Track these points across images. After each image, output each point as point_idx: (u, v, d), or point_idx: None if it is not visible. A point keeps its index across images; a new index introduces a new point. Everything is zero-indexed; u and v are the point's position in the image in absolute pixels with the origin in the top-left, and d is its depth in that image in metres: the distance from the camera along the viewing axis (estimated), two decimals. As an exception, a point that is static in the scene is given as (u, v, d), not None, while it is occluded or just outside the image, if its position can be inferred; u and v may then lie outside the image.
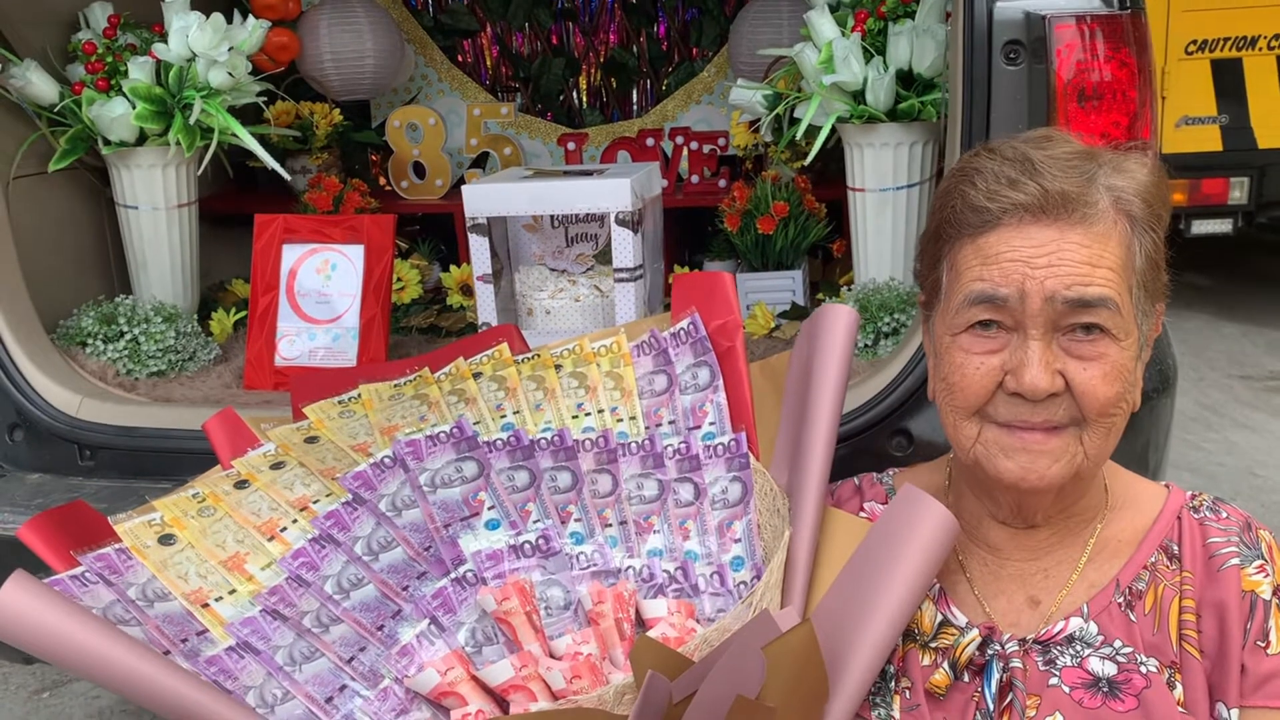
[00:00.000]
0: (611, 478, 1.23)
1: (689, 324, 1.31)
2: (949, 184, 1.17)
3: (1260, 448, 4.74)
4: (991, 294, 1.09)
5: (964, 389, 1.12)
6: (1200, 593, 1.16)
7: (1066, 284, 1.07)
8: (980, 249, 1.11)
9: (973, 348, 1.12)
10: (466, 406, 1.31)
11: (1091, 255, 1.08)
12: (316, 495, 1.24)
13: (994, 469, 1.12)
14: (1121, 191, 1.11)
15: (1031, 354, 1.08)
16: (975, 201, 1.12)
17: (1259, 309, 6.50)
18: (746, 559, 1.20)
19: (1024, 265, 1.08)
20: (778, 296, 2.44)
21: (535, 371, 1.34)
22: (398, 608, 1.16)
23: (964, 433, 1.14)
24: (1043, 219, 1.09)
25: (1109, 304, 1.08)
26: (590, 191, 1.96)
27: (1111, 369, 1.09)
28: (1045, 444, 1.10)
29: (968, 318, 1.12)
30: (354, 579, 1.15)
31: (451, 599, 1.14)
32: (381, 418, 1.31)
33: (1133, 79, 1.72)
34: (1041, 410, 1.09)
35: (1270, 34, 5.48)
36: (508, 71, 3.32)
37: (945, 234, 1.16)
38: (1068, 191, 1.09)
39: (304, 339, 2.25)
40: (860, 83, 2.08)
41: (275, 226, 2.28)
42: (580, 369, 1.33)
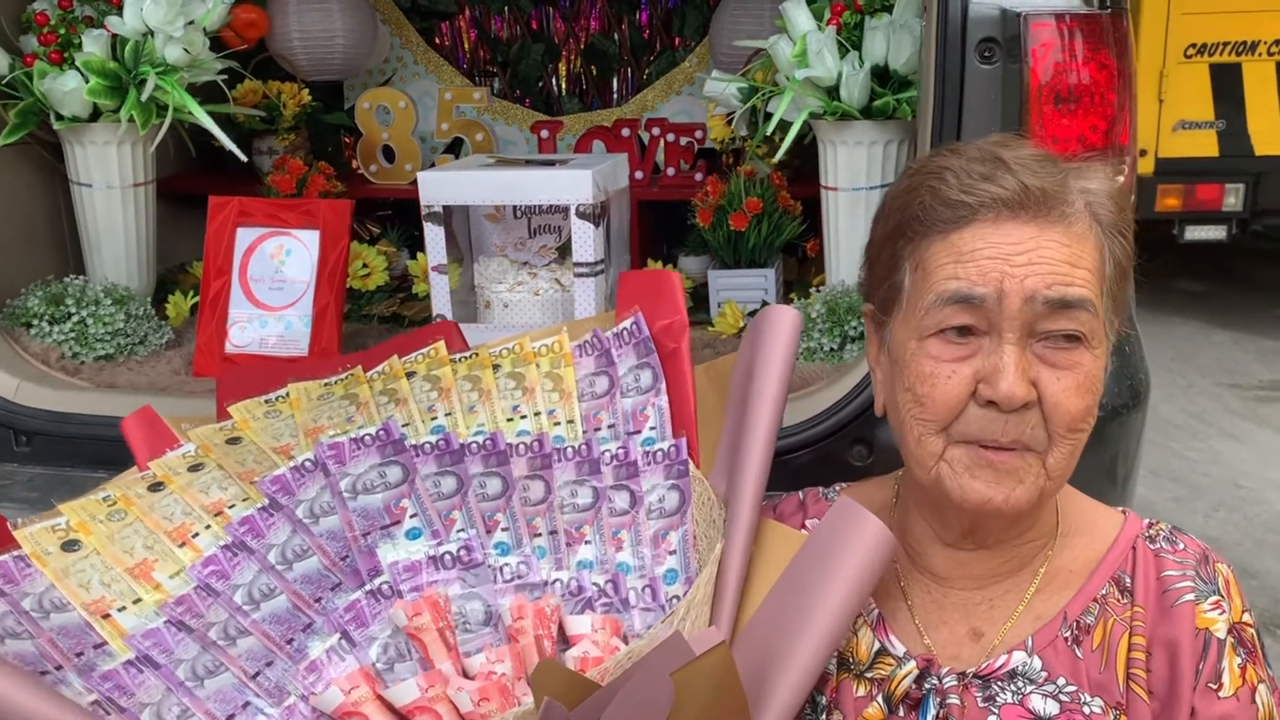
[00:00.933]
0: (544, 485, 1.18)
1: (632, 324, 1.26)
2: (912, 182, 1.10)
3: (1246, 458, 4.69)
4: (968, 293, 1.02)
5: (934, 400, 1.04)
6: (1151, 629, 1.10)
7: (1047, 283, 1.01)
8: (953, 246, 1.04)
9: (943, 355, 1.04)
10: (397, 407, 1.26)
11: (1071, 255, 1.02)
12: (233, 499, 1.18)
13: (958, 490, 1.05)
14: (1094, 195, 1.05)
15: (1007, 359, 1.01)
16: (949, 196, 1.04)
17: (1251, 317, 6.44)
18: (680, 572, 1.15)
19: (1002, 263, 1.01)
20: (749, 295, 2.37)
21: (471, 371, 1.29)
22: (309, 620, 1.10)
23: (927, 449, 1.07)
24: (1021, 215, 1.03)
25: (1089, 306, 1.02)
26: (550, 182, 1.89)
27: (1085, 380, 1.03)
28: (1011, 463, 1.04)
29: (938, 320, 1.04)
30: (266, 589, 1.10)
31: (365, 612, 1.09)
32: (308, 418, 1.26)
33: (1112, 81, 1.65)
34: (1013, 425, 1.02)
35: (1270, 40, 5.41)
36: (485, 56, 3.24)
37: (910, 232, 1.08)
38: (1047, 189, 1.03)
39: (255, 326, 2.18)
40: (834, 78, 2.01)
41: (229, 209, 2.21)
42: (519, 369, 1.28)
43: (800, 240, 2.51)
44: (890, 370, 1.12)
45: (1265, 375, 5.70)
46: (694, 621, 1.03)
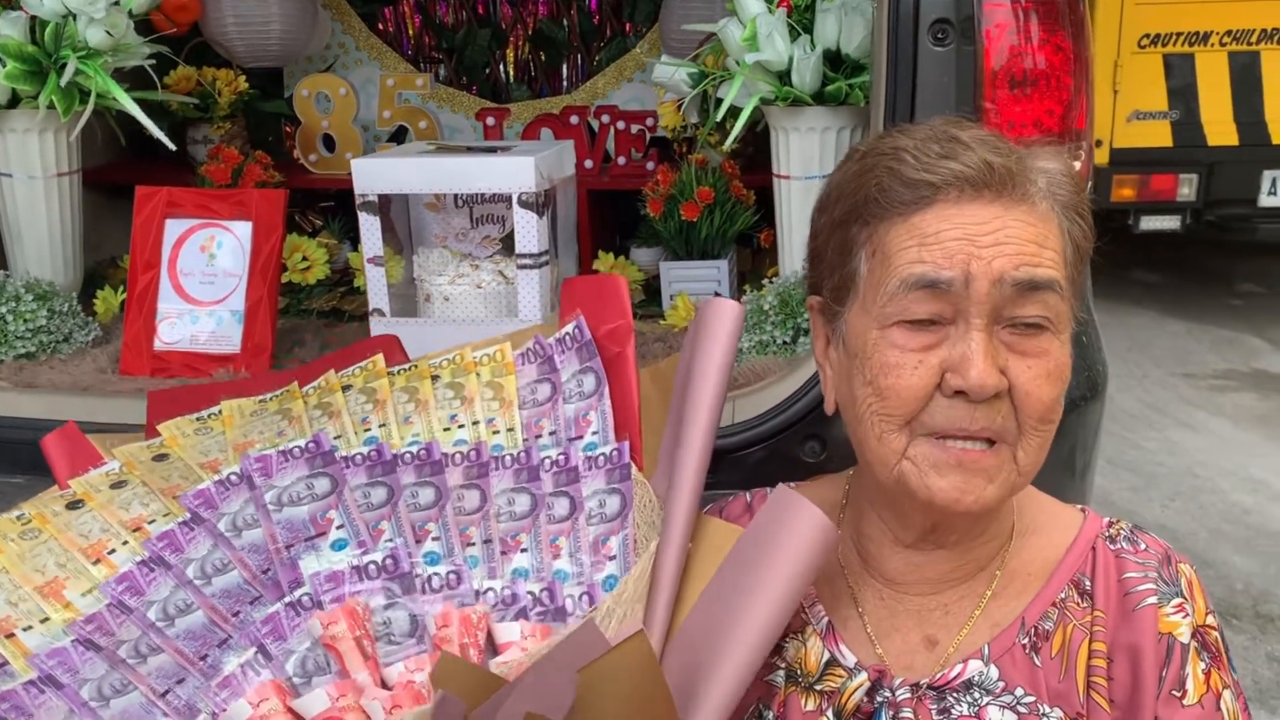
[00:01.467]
0: (481, 493, 1.14)
1: (574, 328, 1.21)
2: (863, 164, 1.03)
3: (1201, 447, 4.71)
4: (934, 277, 0.96)
5: (901, 392, 0.98)
6: (1113, 635, 1.05)
7: (1015, 264, 0.95)
8: (915, 228, 0.98)
9: (907, 344, 0.98)
10: (330, 420, 1.22)
11: (1037, 235, 0.97)
12: (154, 515, 1.15)
13: (924, 489, 0.99)
14: (1052, 175, 1.00)
15: (976, 347, 0.95)
16: (909, 175, 0.98)
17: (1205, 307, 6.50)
18: (620, 578, 1.09)
19: (968, 243, 0.96)
20: (702, 287, 2.31)
21: (409, 383, 1.25)
22: (225, 636, 1.05)
23: (890, 446, 1.00)
24: (985, 194, 0.97)
25: (1057, 287, 0.97)
26: (491, 170, 1.81)
27: (1055, 367, 0.98)
28: (981, 460, 0.98)
29: (902, 307, 0.98)
30: (182, 605, 1.06)
31: (283, 625, 1.04)
32: (238, 434, 1.22)
33: (1068, 64, 1.61)
34: (982, 415, 0.97)
35: (1222, 30, 5.43)
36: (430, 42, 3.16)
37: (865, 215, 1.02)
38: (1010, 167, 0.98)
39: (186, 322, 2.09)
40: (785, 62, 1.95)
41: (157, 200, 2.11)
42: (458, 379, 1.24)
43: (754, 231, 2.45)
44: (844, 365, 1.06)
45: (1219, 365, 5.74)
46: (622, 619, 0.98)
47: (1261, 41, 5.42)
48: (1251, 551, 3.79)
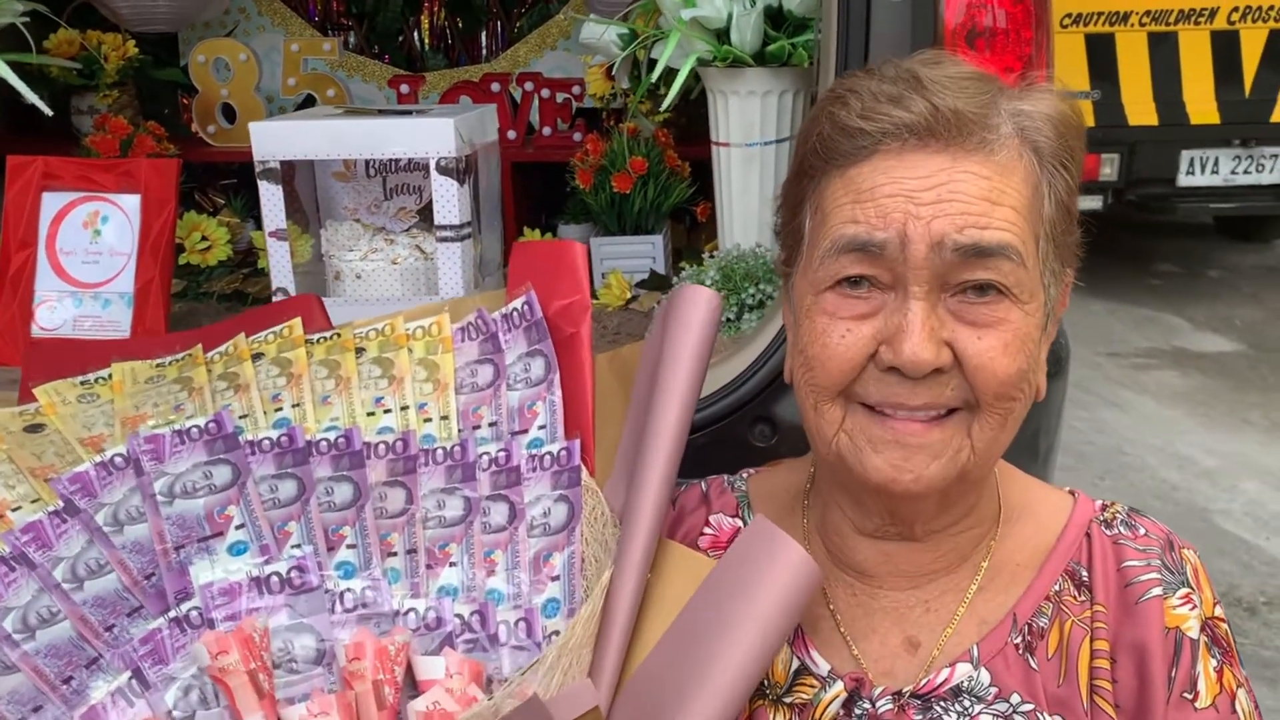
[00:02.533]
0: (406, 493, 0.99)
1: (523, 303, 1.06)
2: (816, 110, 0.92)
3: (1129, 425, 4.73)
4: (865, 239, 0.85)
5: (825, 363, 0.87)
6: (1115, 631, 0.94)
7: (958, 226, 0.83)
8: (851, 182, 0.87)
9: (839, 310, 0.87)
10: (236, 395, 1.06)
11: (990, 190, 0.84)
12: (20, 500, 0.98)
13: (860, 466, 0.88)
14: (1028, 117, 0.88)
15: (912, 318, 0.84)
16: (847, 122, 0.87)
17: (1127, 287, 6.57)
18: (563, 602, 0.97)
19: (906, 201, 0.84)
20: (636, 264, 2.17)
21: (330, 355, 1.09)
22: (95, 654, 0.91)
23: (826, 419, 0.90)
24: (931, 144, 0.85)
25: (1010, 253, 0.84)
26: (405, 132, 1.65)
27: (1013, 338, 0.85)
28: (924, 436, 0.86)
29: (833, 271, 0.87)
30: (46, 613, 0.90)
31: (165, 645, 0.89)
32: (129, 404, 1.05)
33: (1028, 17, 1.50)
34: (923, 391, 0.85)
35: (1142, 10, 5.46)
36: (339, 7, 2.97)
37: (809, 169, 0.91)
38: (963, 111, 0.85)
39: (67, 305, 1.89)
40: (724, 20, 1.83)
41: (32, 171, 1.91)
42: (387, 354, 1.08)
43: (689, 204, 2.32)
44: (791, 330, 0.96)
45: (1142, 343, 5.80)
46: (569, 669, 0.85)
47: (1180, 22, 5.46)
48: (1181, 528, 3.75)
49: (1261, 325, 6.02)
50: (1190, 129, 5.62)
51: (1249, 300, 6.43)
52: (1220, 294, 6.55)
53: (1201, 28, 5.48)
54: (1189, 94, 5.56)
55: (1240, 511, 3.96)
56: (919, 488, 0.88)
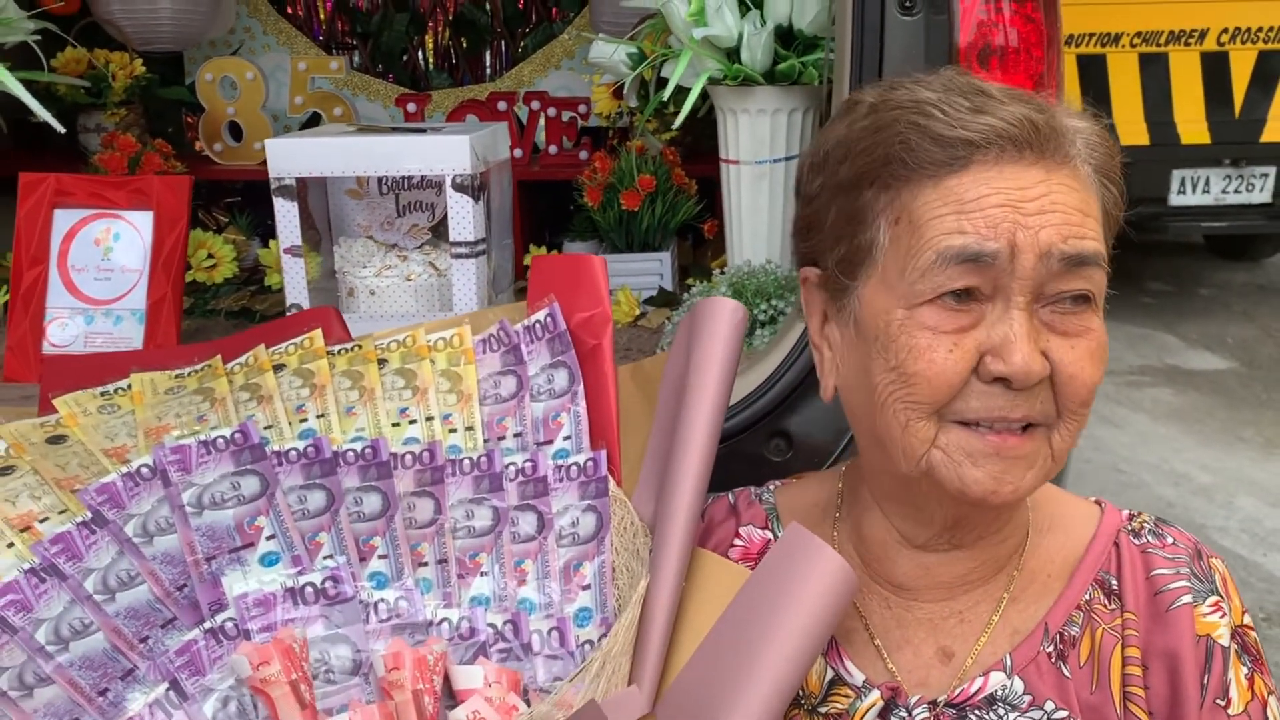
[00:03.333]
0: (434, 503, 1.00)
1: (547, 315, 1.07)
2: (882, 118, 0.90)
3: (1124, 443, 4.75)
4: (977, 250, 0.84)
5: (931, 379, 0.86)
6: (1146, 639, 0.95)
7: (1063, 235, 0.84)
8: (950, 193, 0.86)
9: (941, 325, 0.86)
10: (259, 406, 1.06)
11: (1081, 201, 0.87)
12: (47, 511, 0.98)
13: (957, 481, 0.88)
14: (1084, 133, 0.89)
15: (1018, 329, 0.84)
16: (941, 132, 0.86)
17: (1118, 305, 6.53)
18: (595, 611, 0.97)
19: (1013, 211, 0.84)
20: (644, 281, 2.18)
21: (352, 366, 1.09)
22: (130, 666, 0.91)
23: (917, 436, 0.88)
24: (1026, 155, 0.86)
25: (1101, 261, 0.87)
26: (422, 150, 1.66)
27: (1097, 347, 0.88)
28: (1020, 448, 0.87)
29: (937, 284, 0.86)
30: (78, 625, 0.90)
31: (201, 656, 0.90)
32: (151, 415, 1.06)
33: (1040, 37, 1.52)
34: (1022, 403, 0.86)
35: (1132, 31, 5.52)
36: (344, 27, 2.98)
37: (884, 178, 0.89)
38: (1051, 124, 0.86)
39: (79, 322, 1.88)
40: (735, 39, 1.84)
41: (44, 188, 1.90)
42: (409, 365, 1.09)
43: (696, 221, 2.33)
44: (852, 346, 0.94)
45: (1136, 361, 5.83)
46: (610, 676, 0.86)
47: (1170, 43, 5.52)
48: (1180, 545, 3.81)
49: (1253, 343, 6.06)
50: (1181, 149, 5.67)
51: (1240, 318, 6.48)
52: (1212, 312, 6.59)
53: (1192, 49, 5.54)
54: (1180, 114, 5.61)
55: (1237, 528, 3.98)
56: (1016, 498, 0.89)
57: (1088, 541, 1.00)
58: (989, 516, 0.95)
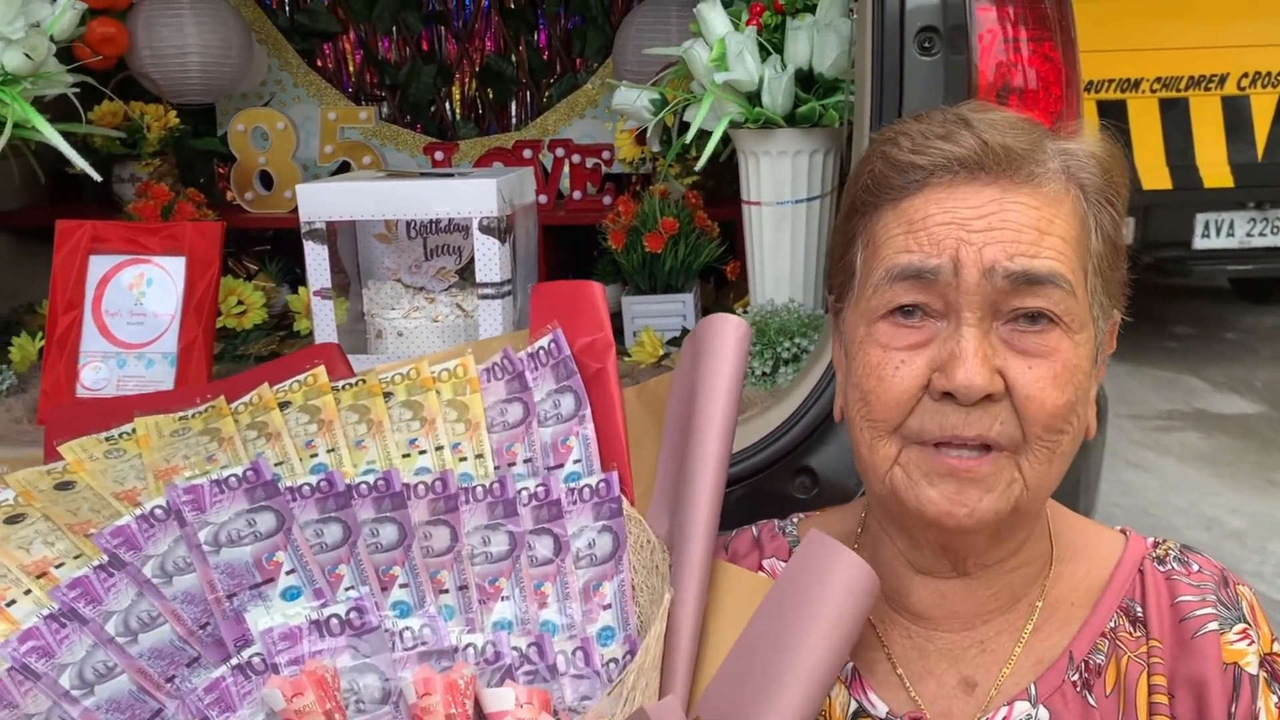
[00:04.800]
0: (450, 531, 1.00)
1: (550, 341, 1.08)
2: (868, 151, 0.96)
3: (1153, 487, 4.70)
4: (919, 266, 0.87)
5: (882, 396, 0.89)
6: (1172, 666, 0.94)
7: (1009, 253, 0.85)
8: (904, 214, 0.90)
9: (892, 341, 0.89)
10: (268, 444, 1.07)
11: (1039, 219, 0.87)
12: (62, 557, 0.98)
13: (915, 500, 0.89)
14: (1073, 156, 0.90)
15: (966, 344, 0.85)
16: (898, 158, 0.90)
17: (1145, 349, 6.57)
18: (618, 630, 0.97)
19: (958, 229, 0.86)
20: (667, 322, 2.20)
21: (358, 401, 1.10)
22: (158, 707, 0.90)
23: (880, 454, 0.91)
24: (981, 177, 0.88)
25: (1060, 281, 0.86)
26: (449, 193, 1.69)
27: (1063, 369, 0.87)
28: (976, 469, 0.87)
29: (887, 299, 0.89)
30: (102, 668, 0.90)
31: (230, 693, 0.89)
32: (159, 458, 1.06)
33: (1058, 76, 1.54)
34: (975, 420, 0.86)
35: (1152, 77, 5.55)
36: (373, 79, 3.04)
37: (861, 206, 0.94)
38: (1011, 146, 0.88)
39: (111, 366, 1.92)
40: (756, 83, 1.87)
41: (81, 235, 1.94)
42: (415, 397, 1.09)
43: (718, 263, 2.35)
44: (841, 367, 0.98)
45: (1163, 405, 5.78)
46: (644, 690, 0.85)
47: (1190, 88, 5.54)
48: (1214, 590, 3.75)
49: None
50: (1204, 193, 5.66)
51: (1268, 362, 6.42)
52: (1239, 356, 6.53)
53: (1212, 93, 5.56)
54: (1202, 158, 5.62)
55: (1271, 573, 3.92)
56: (972, 522, 0.88)
57: (1112, 569, 1.00)
58: (980, 545, 0.94)
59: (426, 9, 3.02)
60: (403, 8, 2.98)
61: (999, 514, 0.89)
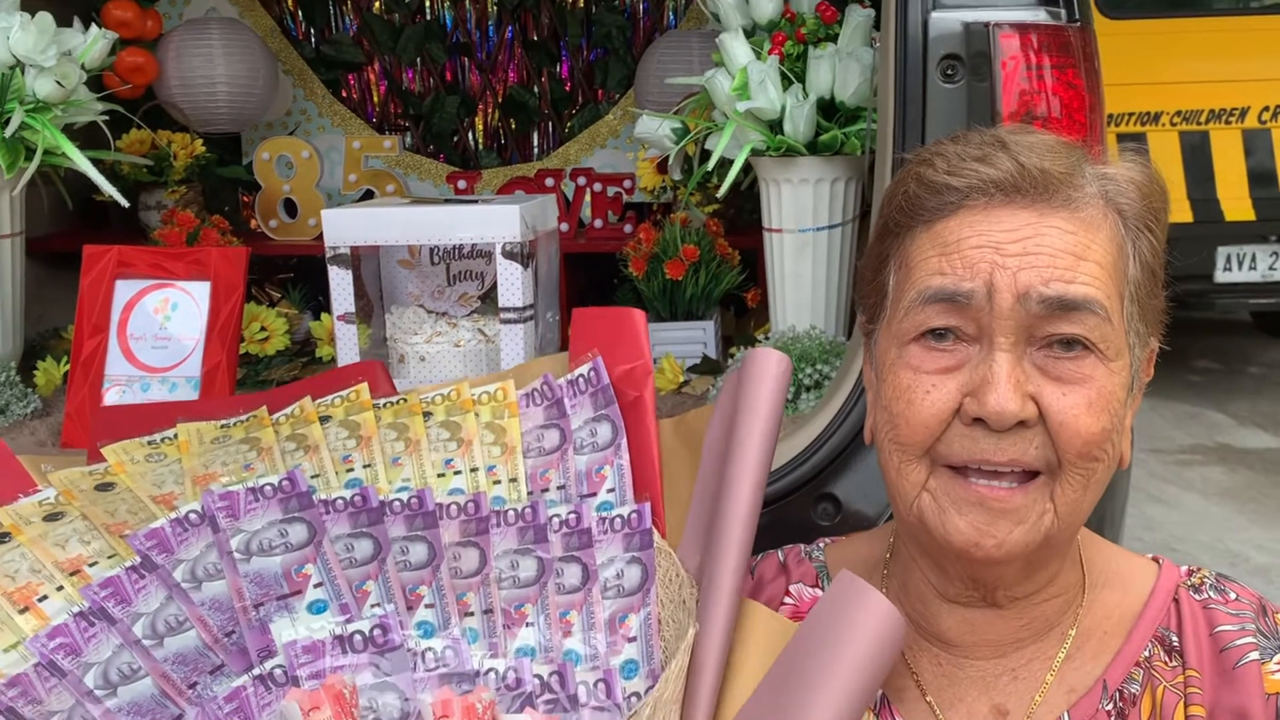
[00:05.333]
0: (479, 553, 1.00)
1: (590, 369, 1.08)
2: (902, 172, 0.95)
3: (1176, 521, 4.65)
4: (952, 290, 0.86)
5: (911, 419, 0.88)
6: (1212, 697, 0.92)
7: (1045, 278, 0.84)
8: (938, 236, 0.89)
9: (924, 364, 0.88)
10: (306, 456, 1.07)
11: (1076, 244, 0.86)
12: (96, 556, 0.98)
13: (942, 529, 0.88)
14: (1112, 181, 0.90)
15: (998, 369, 0.84)
16: (933, 179, 0.89)
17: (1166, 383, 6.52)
18: (641, 663, 0.96)
19: (993, 252, 0.85)
20: (687, 349, 2.20)
21: (398, 419, 1.10)
22: (178, 712, 0.90)
23: (909, 479, 0.90)
24: (1017, 200, 0.87)
25: (1096, 307, 0.85)
26: (473, 219, 1.70)
27: (1097, 396, 0.86)
28: (1008, 500, 0.86)
29: (919, 322, 0.88)
30: (127, 670, 0.90)
31: (250, 703, 0.89)
32: (198, 463, 1.07)
33: (1081, 104, 1.54)
34: (1008, 446, 0.85)
35: (1172, 110, 5.54)
36: (396, 109, 3.07)
37: (894, 227, 0.93)
38: (1049, 169, 0.87)
39: (135, 389, 1.92)
40: (778, 111, 1.88)
41: (107, 259, 1.96)
42: (454, 418, 1.10)
43: (738, 291, 2.35)
44: (872, 388, 0.97)
45: (1185, 440, 5.72)
46: None
47: (1210, 121, 5.53)
48: (1240, 626, 3.70)
49: (1307, 422, 5.95)
50: (1225, 225, 5.63)
51: (1292, 397, 6.36)
52: (1261, 390, 6.48)
53: (1233, 127, 5.55)
54: (1223, 191, 5.60)
55: (1299, 609, 3.87)
56: (1001, 554, 0.87)
57: (1145, 597, 0.99)
58: (1011, 578, 0.93)
59: (451, 40, 3.05)
60: (427, 39, 3.01)
61: (1029, 546, 0.88)
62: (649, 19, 2.99)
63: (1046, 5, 1.53)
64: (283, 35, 2.93)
